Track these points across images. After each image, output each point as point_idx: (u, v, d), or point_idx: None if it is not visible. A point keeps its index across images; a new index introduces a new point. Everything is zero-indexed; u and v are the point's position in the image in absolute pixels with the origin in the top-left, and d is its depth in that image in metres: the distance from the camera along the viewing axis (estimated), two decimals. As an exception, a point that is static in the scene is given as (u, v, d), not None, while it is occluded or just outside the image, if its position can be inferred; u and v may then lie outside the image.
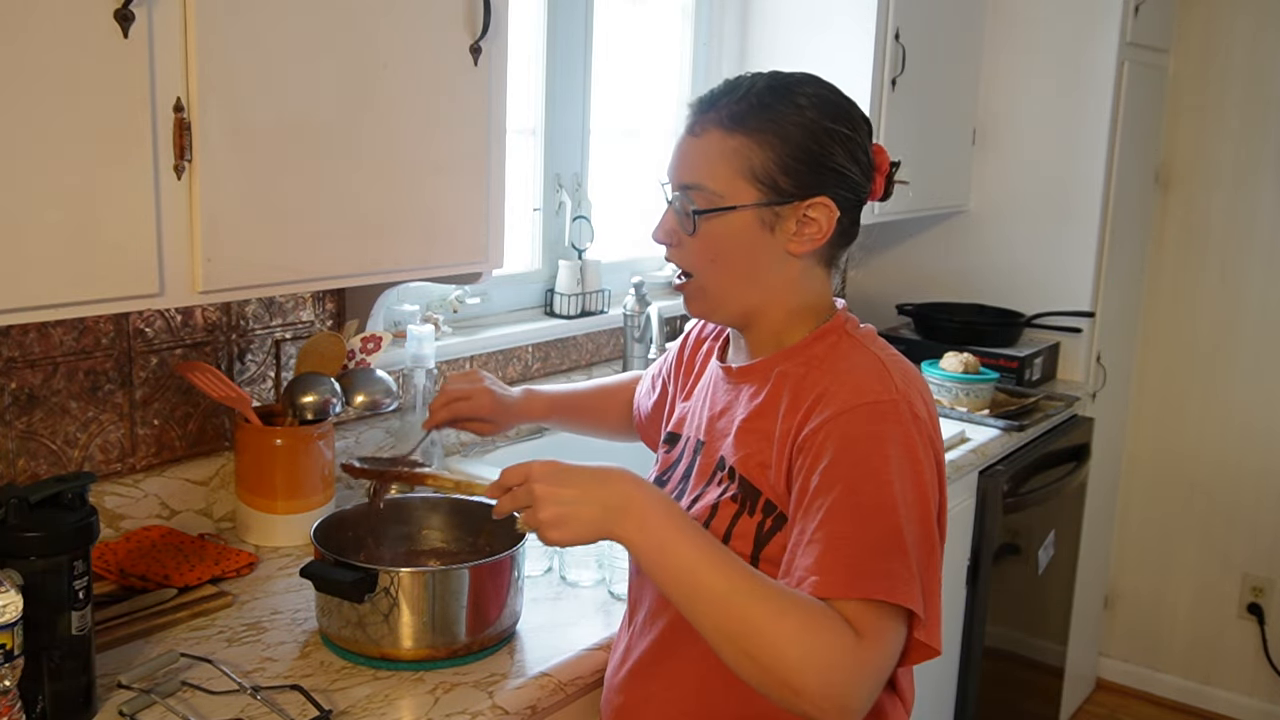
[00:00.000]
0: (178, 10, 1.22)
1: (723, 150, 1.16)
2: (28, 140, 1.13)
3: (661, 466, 1.34)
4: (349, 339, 1.81)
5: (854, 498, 1.06)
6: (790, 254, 1.18)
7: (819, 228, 1.17)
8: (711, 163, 1.17)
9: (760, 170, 1.15)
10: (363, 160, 1.45)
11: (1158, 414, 3.43)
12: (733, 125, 1.16)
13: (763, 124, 1.15)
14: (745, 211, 1.16)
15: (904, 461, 1.08)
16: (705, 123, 1.18)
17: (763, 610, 1.03)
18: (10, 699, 1.06)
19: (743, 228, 1.17)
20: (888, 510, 1.06)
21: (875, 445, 1.08)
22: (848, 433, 1.09)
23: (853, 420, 1.09)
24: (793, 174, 1.15)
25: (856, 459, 1.08)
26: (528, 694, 1.31)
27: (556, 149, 2.36)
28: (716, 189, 1.17)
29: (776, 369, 1.20)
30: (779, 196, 1.16)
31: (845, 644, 1.02)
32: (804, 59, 2.56)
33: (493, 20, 1.56)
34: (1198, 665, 3.46)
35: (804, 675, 1.01)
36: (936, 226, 3.15)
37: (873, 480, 1.07)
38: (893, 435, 1.08)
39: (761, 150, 1.15)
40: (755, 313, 1.22)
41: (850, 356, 1.17)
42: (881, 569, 1.05)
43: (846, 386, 1.12)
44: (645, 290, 2.42)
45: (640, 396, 1.57)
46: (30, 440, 1.54)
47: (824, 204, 1.16)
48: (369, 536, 1.50)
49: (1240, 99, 3.19)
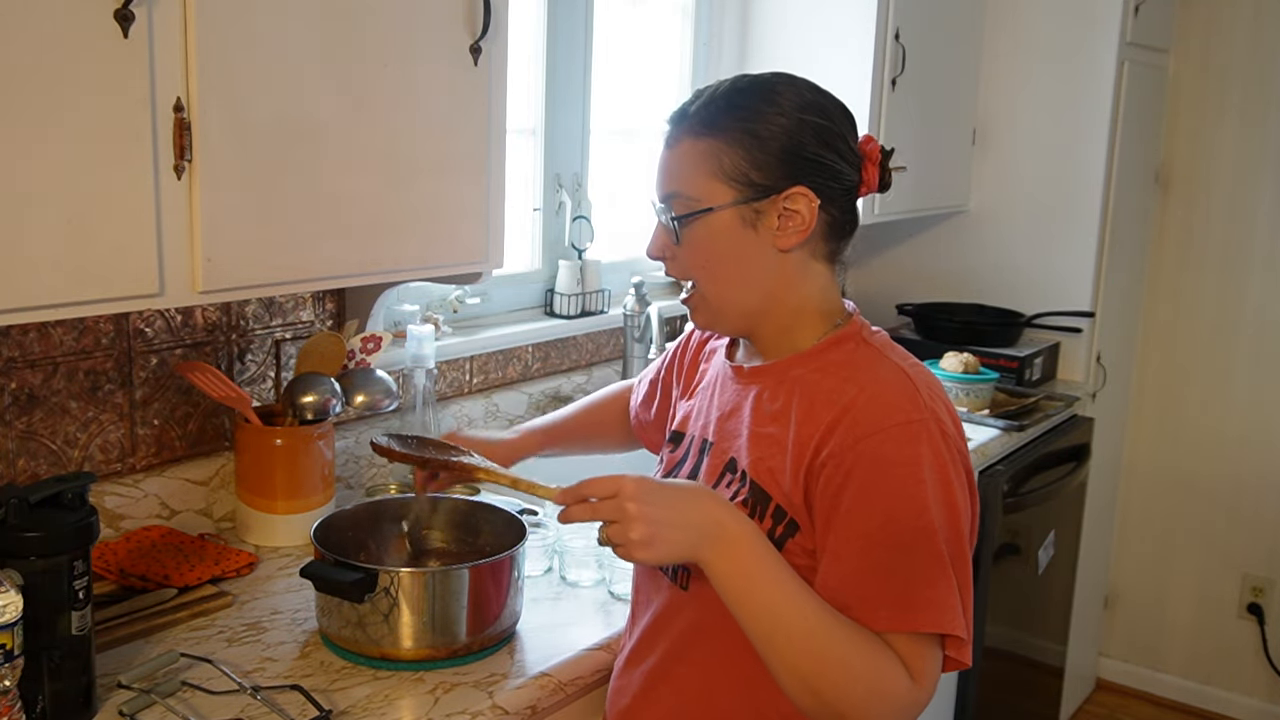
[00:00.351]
0: (178, 10, 1.22)
1: (694, 155, 1.17)
2: (28, 140, 1.13)
3: (667, 466, 1.33)
4: (349, 339, 1.81)
5: (894, 526, 1.07)
6: (780, 250, 1.17)
7: (801, 219, 1.16)
8: (685, 170, 1.18)
9: (731, 169, 1.15)
10: (363, 160, 1.45)
11: (1158, 414, 3.43)
12: (701, 130, 1.16)
13: (730, 124, 1.15)
14: (724, 212, 1.16)
15: (938, 483, 1.08)
16: (678, 134, 1.19)
17: (836, 653, 1.05)
18: (10, 699, 1.06)
19: (725, 229, 1.17)
20: (928, 535, 1.07)
21: (910, 469, 1.08)
22: (880, 456, 1.08)
23: (885, 442, 1.09)
24: (764, 168, 1.15)
25: (893, 486, 1.08)
26: (528, 694, 1.31)
27: (556, 149, 2.36)
28: (693, 194, 1.17)
29: (790, 373, 1.19)
30: (754, 192, 1.15)
31: (904, 688, 1.06)
32: (804, 59, 2.56)
33: (493, 20, 1.56)
34: (1198, 665, 3.46)
35: (866, 714, 1.05)
36: (936, 226, 3.15)
37: (911, 506, 1.07)
38: (926, 457, 1.08)
39: (731, 149, 1.15)
40: (758, 316, 1.21)
41: (873, 369, 1.16)
42: (928, 598, 1.07)
43: (876, 404, 1.11)
44: (645, 290, 2.42)
45: (637, 405, 1.56)
46: (30, 440, 1.54)
47: (802, 193, 1.15)
48: (414, 528, 1.49)
49: (1240, 99, 3.19)
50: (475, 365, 2.17)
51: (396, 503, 1.55)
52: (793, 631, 1.06)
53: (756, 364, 1.24)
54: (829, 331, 1.20)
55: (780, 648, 1.06)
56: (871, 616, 1.07)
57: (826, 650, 1.05)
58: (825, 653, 1.05)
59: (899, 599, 1.07)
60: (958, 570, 1.09)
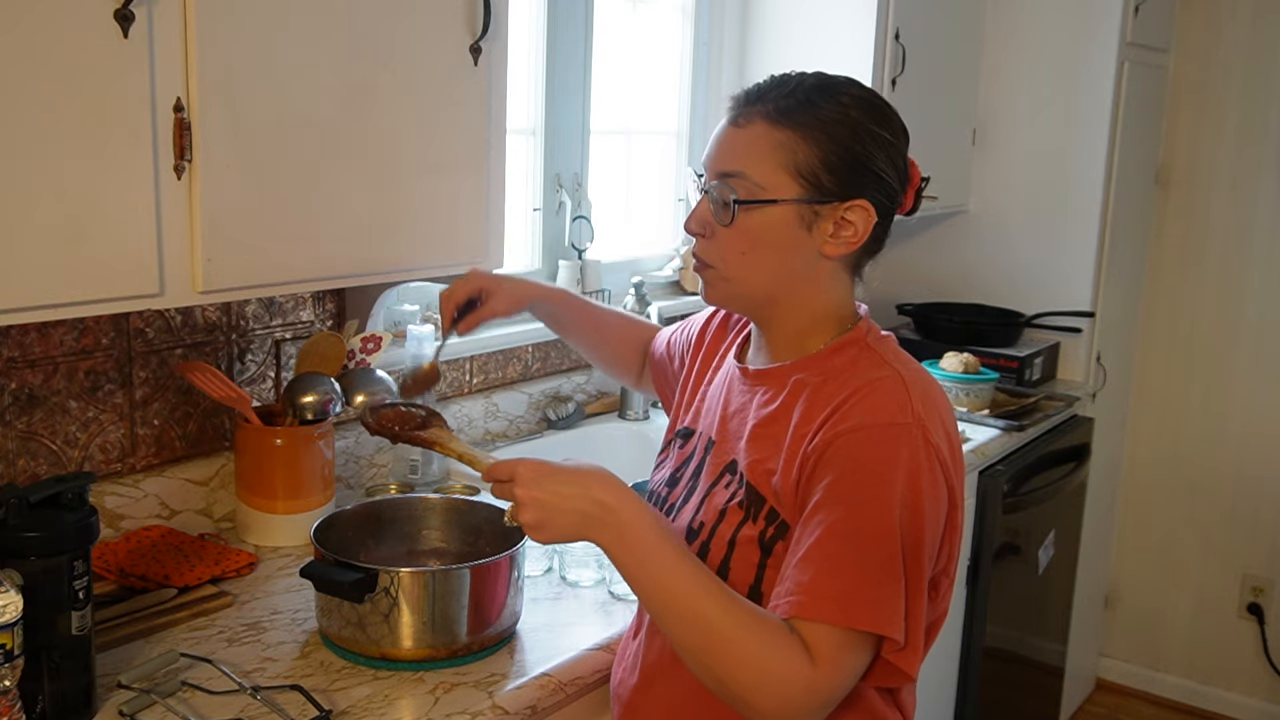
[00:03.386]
0: (178, 10, 1.22)
1: (768, 142, 1.15)
2: (28, 140, 1.13)
3: (676, 461, 1.34)
4: (349, 339, 1.81)
5: (854, 521, 1.07)
6: (823, 255, 1.17)
7: (855, 231, 1.16)
8: (755, 153, 1.16)
9: (804, 166, 1.14)
10: (363, 160, 1.45)
11: (1158, 414, 3.43)
12: (779, 118, 1.15)
13: (809, 120, 1.14)
14: (785, 206, 1.15)
15: (908, 489, 1.08)
16: (750, 114, 1.17)
17: (728, 634, 1.06)
18: (10, 699, 1.06)
19: (781, 223, 1.16)
20: (886, 537, 1.07)
21: (883, 469, 1.08)
22: (857, 453, 1.09)
23: (864, 441, 1.09)
24: (836, 173, 1.14)
25: (861, 481, 1.08)
26: (528, 694, 1.31)
27: (556, 149, 2.36)
28: (759, 180, 1.15)
29: (794, 377, 1.19)
30: (820, 195, 1.15)
31: (799, 671, 1.05)
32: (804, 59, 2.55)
33: (493, 20, 1.56)
34: (1198, 665, 3.46)
35: (758, 696, 1.05)
36: (936, 226, 3.15)
37: (875, 506, 1.07)
38: (903, 460, 1.08)
39: (807, 146, 1.14)
40: (774, 306, 1.21)
41: (870, 372, 1.16)
42: (870, 597, 1.06)
43: (864, 404, 1.11)
44: (645, 290, 2.42)
45: (661, 339, 1.55)
46: (30, 440, 1.54)
47: (863, 207, 1.16)
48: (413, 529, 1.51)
49: (1240, 99, 3.19)
50: (475, 365, 2.17)
51: (396, 503, 1.55)
52: (684, 612, 1.08)
53: (763, 366, 1.24)
54: (836, 336, 1.21)
55: (672, 626, 1.09)
56: (814, 605, 1.06)
57: (718, 631, 1.06)
58: (716, 633, 1.06)
59: (842, 593, 1.06)
60: (912, 581, 1.08)
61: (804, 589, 1.07)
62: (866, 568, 1.06)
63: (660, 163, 2.73)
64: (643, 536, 1.09)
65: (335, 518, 1.46)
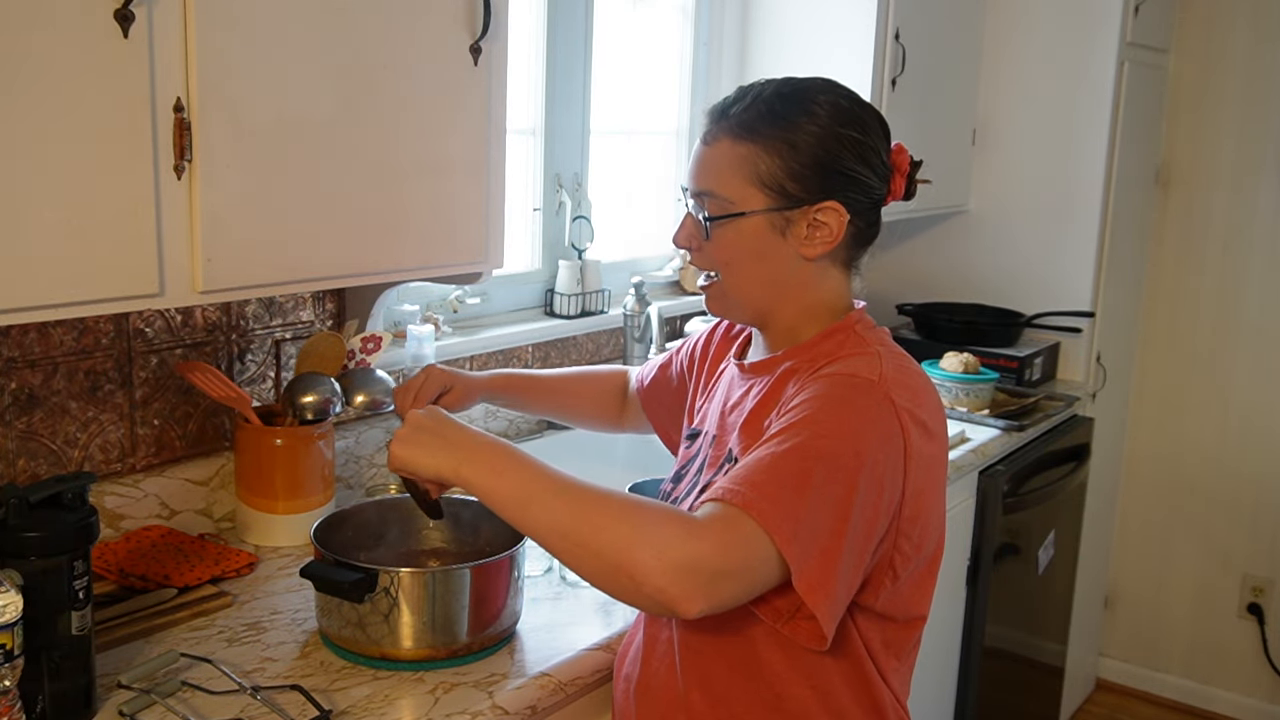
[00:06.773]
0: (178, 10, 1.22)
1: (732, 158, 1.19)
2: (28, 140, 1.13)
3: (682, 460, 1.37)
4: (349, 339, 1.81)
5: (785, 433, 1.08)
6: (804, 257, 1.21)
7: (829, 231, 1.20)
8: (721, 170, 1.20)
9: (768, 177, 1.18)
10: (363, 160, 1.45)
11: (1158, 414, 3.43)
12: (741, 133, 1.19)
13: (771, 131, 1.18)
14: (755, 217, 1.19)
15: (855, 432, 1.08)
16: (717, 131, 1.22)
17: (591, 499, 1.05)
18: (10, 699, 1.06)
19: (754, 232, 1.20)
20: (804, 453, 1.05)
21: (835, 405, 1.10)
22: (817, 392, 1.12)
23: (828, 384, 1.12)
24: (800, 180, 1.18)
25: (813, 410, 1.09)
26: (528, 694, 1.31)
27: (556, 149, 2.36)
28: (727, 195, 1.20)
29: (784, 365, 1.23)
30: (787, 202, 1.18)
31: (680, 525, 1.02)
32: (804, 59, 2.57)
33: (493, 20, 1.56)
34: (1198, 665, 3.46)
35: (636, 552, 1.00)
36: (936, 226, 3.15)
37: (812, 426, 1.08)
38: (858, 404, 1.10)
39: (769, 157, 1.18)
40: (770, 311, 1.25)
41: (852, 350, 1.19)
42: (771, 494, 1.03)
43: (839, 369, 1.15)
44: (645, 290, 2.42)
45: (646, 370, 1.59)
46: (30, 440, 1.54)
47: (833, 208, 1.19)
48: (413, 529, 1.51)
49: (1240, 99, 3.19)
50: (475, 365, 2.17)
51: (396, 503, 1.55)
52: (546, 496, 1.07)
53: (758, 359, 1.28)
54: (827, 325, 1.24)
55: (537, 515, 1.06)
56: (713, 491, 1.05)
57: (581, 500, 1.05)
58: (581, 501, 1.05)
59: (743, 479, 1.04)
60: (830, 511, 1.04)
61: (714, 487, 1.07)
62: (780, 471, 1.05)
63: (660, 163, 2.73)
64: (508, 458, 1.10)
65: (335, 518, 1.46)
